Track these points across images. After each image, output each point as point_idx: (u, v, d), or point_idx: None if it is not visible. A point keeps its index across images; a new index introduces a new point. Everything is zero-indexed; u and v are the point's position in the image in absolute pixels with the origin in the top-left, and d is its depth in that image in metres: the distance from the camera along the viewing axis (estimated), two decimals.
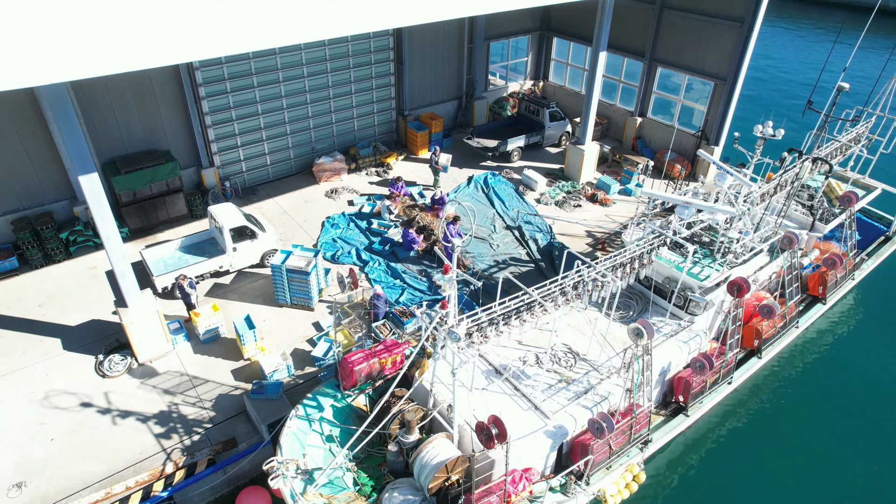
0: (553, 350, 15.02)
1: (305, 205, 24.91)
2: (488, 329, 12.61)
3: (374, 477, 13.03)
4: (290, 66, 24.64)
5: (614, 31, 28.33)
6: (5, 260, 20.19)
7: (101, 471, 14.28)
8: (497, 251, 22.35)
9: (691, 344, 15.85)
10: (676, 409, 15.64)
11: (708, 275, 15.91)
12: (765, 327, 17.19)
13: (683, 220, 15.55)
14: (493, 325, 12.60)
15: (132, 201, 21.85)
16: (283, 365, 16.45)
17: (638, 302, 16.82)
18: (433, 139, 28.96)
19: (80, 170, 14.16)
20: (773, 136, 16.32)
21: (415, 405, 13.30)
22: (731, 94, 25.35)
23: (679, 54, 26.95)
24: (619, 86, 30.17)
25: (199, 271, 19.74)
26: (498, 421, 10.29)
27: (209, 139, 23.80)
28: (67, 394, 16.11)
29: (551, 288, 13.31)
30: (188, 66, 21.97)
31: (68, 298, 19.40)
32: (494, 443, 10.31)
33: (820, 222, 20.23)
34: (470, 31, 29.37)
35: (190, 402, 16.09)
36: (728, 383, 16.51)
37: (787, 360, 19.67)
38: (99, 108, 21.00)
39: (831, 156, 20.62)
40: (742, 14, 24.08)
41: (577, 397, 13.81)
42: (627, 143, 30.09)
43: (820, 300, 19.70)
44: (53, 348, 17.57)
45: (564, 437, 13.14)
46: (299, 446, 12.78)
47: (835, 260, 18.88)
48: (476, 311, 12.45)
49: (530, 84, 34.01)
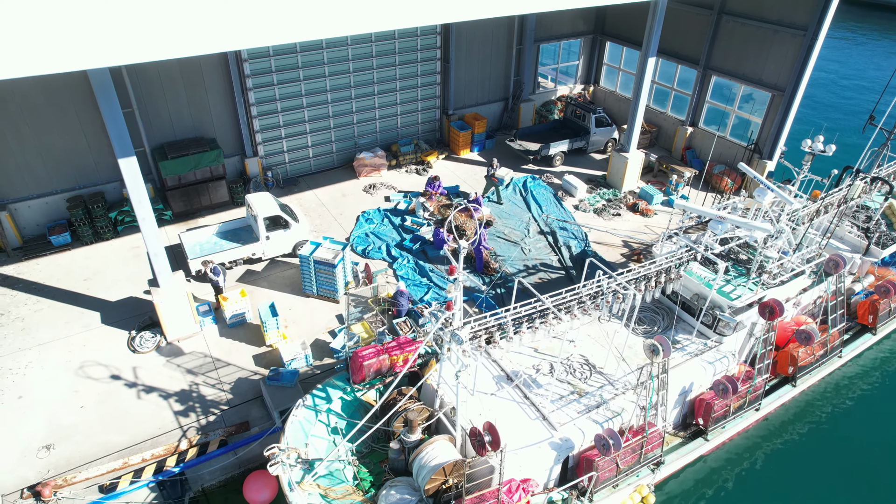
0: (568, 360, 14.64)
1: (343, 198, 25.27)
2: (497, 334, 12.39)
3: (374, 473, 13.05)
4: (337, 62, 25.05)
5: (668, 36, 27.45)
6: (59, 235, 21.42)
7: (122, 441, 14.93)
8: (528, 256, 22.01)
9: (717, 365, 15.11)
10: (696, 433, 14.96)
11: (740, 294, 15.13)
12: (801, 354, 16.20)
13: (717, 235, 14.82)
14: (501, 330, 12.38)
15: (177, 186, 22.74)
16: (301, 354, 16.73)
17: (664, 317, 16.17)
18: (476, 139, 28.82)
19: (120, 153, 14.83)
20: (822, 151, 15.35)
21: (420, 405, 13.25)
22: (788, 107, 24.02)
23: (736, 63, 25.76)
24: (672, 93, 29.14)
25: (233, 257, 20.35)
26: (492, 428, 10.09)
27: (254, 129, 24.49)
28: (100, 365, 16.93)
29: (565, 297, 12.95)
30: (237, 57, 22.68)
31: (111, 275, 20.39)
32: (486, 450, 10.12)
33: (876, 246, 18.89)
34: (520, 31, 29.04)
35: (210, 383, 16.60)
36: (756, 410, 15.65)
37: (826, 392, 18.46)
38: (152, 95, 21.97)
39: (893, 176, 19.25)
40: (806, 22, 22.77)
41: (587, 411, 13.40)
42: (677, 152, 29.04)
43: (870, 330, 18.40)
44: (93, 321, 18.51)
45: (570, 451, 12.77)
46: (303, 435, 12.95)
47: (889, 288, 17.60)
48: (485, 315, 12.26)
49: (580, 88, 33.33)
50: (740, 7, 24.98)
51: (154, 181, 23.27)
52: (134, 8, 11.24)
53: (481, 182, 26.62)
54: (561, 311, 13.01)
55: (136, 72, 21.17)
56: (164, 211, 23.02)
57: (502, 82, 30.25)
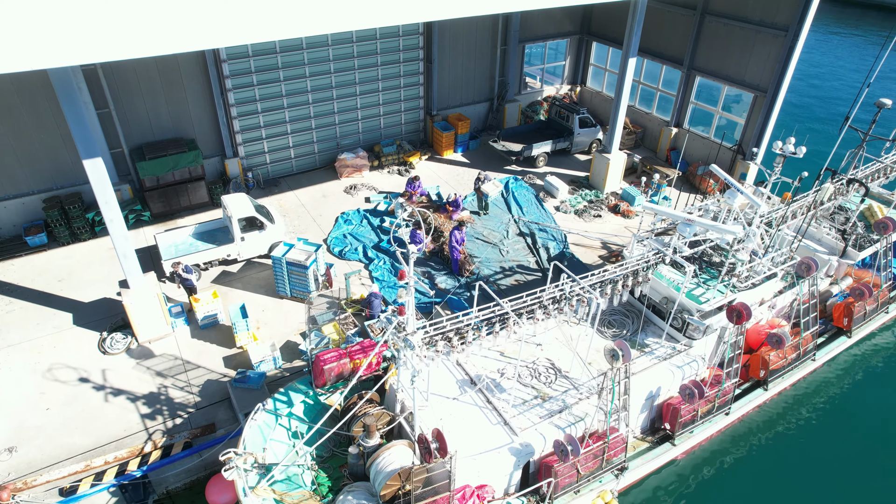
0: (534, 364, 14.53)
1: (323, 199, 25.18)
2: (455, 339, 12.27)
3: (334, 478, 12.96)
4: (318, 62, 24.95)
5: (653, 36, 27.35)
6: (35, 236, 21.37)
7: (86, 443, 14.85)
8: (506, 257, 21.89)
9: (686, 369, 14.98)
10: (664, 437, 14.83)
11: (710, 298, 14.99)
12: (773, 358, 16.05)
13: (685, 238, 14.69)
14: (459, 334, 12.26)
15: (156, 186, 22.66)
16: (270, 356, 16.64)
17: (634, 320, 16.04)
18: (459, 140, 28.70)
19: (85, 154, 14.70)
20: (793, 153, 15.19)
21: (381, 409, 13.15)
22: (771, 107, 23.86)
23: (719, 63, 25.61)
24: (657, 94, 28.98)
25: (208, 258, 20.27)
26: (440, 435, 9.98)
27: (234, 130, 24.41)
28: (69, 367, 16.85)
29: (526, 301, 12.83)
30: (215, 57, 22.60)
31: (87, 276, 20.32)
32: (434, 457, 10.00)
33: (853, 249, 18.73)
34: (504, 32, 28.89)
35: (179, 385, 16.52)
36: (725, 414, 15.52)
37: (800, 396, 18.30)
38: (129, 95, 21.90)
39: (873, 177, 19.08)
40: (787, 22, 22.60)
41: (549, 416, 13.28)
42: (662, 153, 28.88)
43: (845, 333, 18.24)
44: (64, 322, 18.44)
45: (531, 456, 12.66)
46: (262, 440, 12.85)
47: (863, 291, 17.46)
48: (441, 320, 12.15)
49: (567, 89, 33.19)
50: (723, 7, 24.82)
51: (133, 182, 23.20)
52: (94, 5, 11.07)
53: (464, 183, 26.51)
54: (522, 315, 12.89)
55: (111, 71, 21.10)
56: (142, 212, 22.95)
57: (487, 83, 30.12)
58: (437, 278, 20.57)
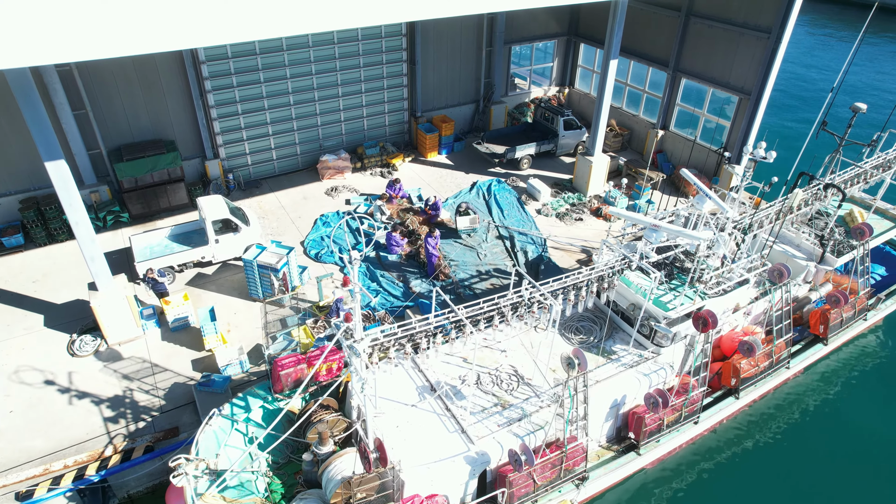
0: (497, 371, 14.34)
1: (304, 201, 25.07)
2: (408, 346, 12.11)
3: (288, 484, 12.83)
4: (298, 64, 24.84)
5: (638, 38, 27.12)
6: (11, 237, 21.36)
7: (48, 447, 14.78)
8: (483, 261, 21.72)
9: (653, 377, 14.76)
10: (629, 447, 14.61)
11: (678, 304, 14.77)
12: (745, 366, 15.80)
13: (651, 243, 14.47)
14: (411, 341, 12.10)
15: (134, 188, 22.61)
16: (237, 359, 16.54)
17: (603, 327, 15.83)
18: (443, 142, 28.54)
19: (46, 156, 14.65)
20: (764, 158, 14.94)
21: (337, 415, 13.01)
22: (755, 110, 23.58)
23: (704, 65, 25.34)
24: (644, 96, 28.73)
25: (182, 260, 20.18)
26: (380, 445, 9.83)
27: (214, 131, 24.33)
28: (36, 369, 16.80)
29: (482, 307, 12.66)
30: (193, 59, 22.52)
31: (61, 278, 20.28)
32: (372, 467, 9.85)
33: (831, 255, 18.43)
34: (489, 33, 28.70)
35: (145, 388, 16.43)
36: (694, 423, 15.28)
37: (775, 406, 18.04)
38: (107, 96, 21.85)
39: (852, 182, 18.78)
40: (770, 24, 22.31)
41: (509, 424, 13.09)
42: (649, 156, 28.60)
43: (821, 340, 17.96)
44: (36, 324, 18.40)
45: (487, 465, 12.49)
46: (216, 445, 12.73)
47: (839, 297, 17.19)
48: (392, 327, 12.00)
49: (555, 90, 32.96)
50: (707, 9, 24.55)
51: (111, 183, 23.15)
52: (50, 4, 10.89)
53: (446, 185, 26.35)
54: (479, 322, 12.72)
55: (87, 72, 21.05)
56: (120, 213, 22.91)
57: (473, 84, 29.94)
58: (412, 281, 20.41)
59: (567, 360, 11.91)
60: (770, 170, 17.19)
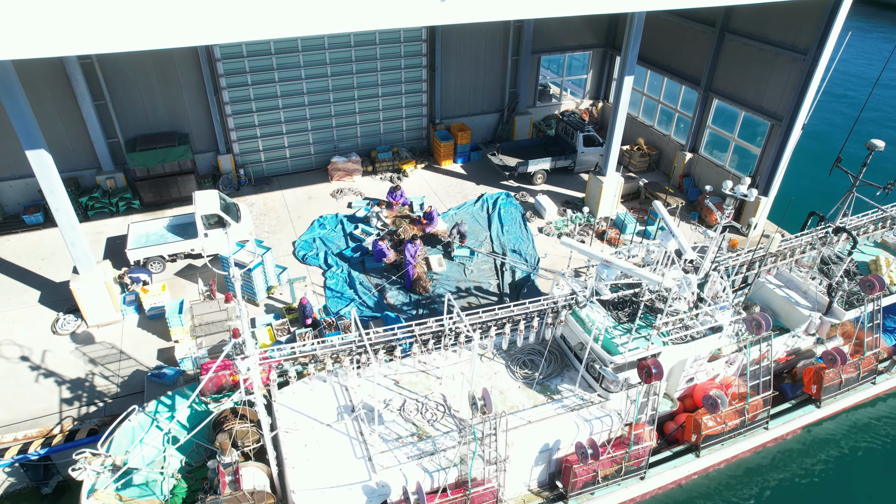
0: (425, 399, 13.74)
1: (308, 201, 25.31)
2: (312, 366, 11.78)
3: (193, 489, 12.84)
4: (314, 65, 25.07)
5: (670, 53, 25.48)
6: (32, 215, 22.90)
7: (7, 418, 15.64)
8: (468, 276, 21.03)
9: (595, 424, 13.64)
10: (559, 496, 13.59)
11: (632, 348, 13.56)
12: (707, 422, 14.31)
13: (604, 280, 13.35)
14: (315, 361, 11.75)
15: (146, 177, 23.64)
16: (192, 354, 16.83)
17: (552, 363, 14.81)
18: (460, 151, 27.97)
19: (26, 145, 15.50)
20: (745, 196, 13.41)
21: (250, 426, 12.89)
22: (786, 138, 21.41)
23: (737, 86, 23.33)
24: (675, 115, 26.88)
25: (173, 251, 20.86)
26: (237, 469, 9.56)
27: (228, 127, 25.01)
28: (16, 344, 17.86)
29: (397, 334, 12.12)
30: (208, 56, 23.21)
31: (67, 257, 21.43)
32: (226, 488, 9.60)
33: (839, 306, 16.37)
34: (516, 41, 27.79)
35: (107, 374, 17.07)
36: (640, 479, 14.01)
37: (744, 468, 16.16)
38: (126, 87, 22.94)
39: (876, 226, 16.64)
40: (807, 45, 20.16)
41: (419, 457, 12.48)
42: (675, 179, 26.76)
43: (814, 402, 16.01)
44: (31, 299, 19.60)
45: (386, 497, 11.96)
46: (129, 442, 12.94)
47: (835, 357, 15.26)
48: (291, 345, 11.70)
49: (588, 104, 31.52)
50: (743, 25, 22.56)
51: (127, 171, 24.31)
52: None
53: (453, 196, 25.81)
54: (396, 348, 12.20)
55: (108, 64, 22.16)
56: (132, 200, 24.04)
57: (498, 93, 29.12)
58: (389, 293, 20.08)
59: (471, 398, 11.18)
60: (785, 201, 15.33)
